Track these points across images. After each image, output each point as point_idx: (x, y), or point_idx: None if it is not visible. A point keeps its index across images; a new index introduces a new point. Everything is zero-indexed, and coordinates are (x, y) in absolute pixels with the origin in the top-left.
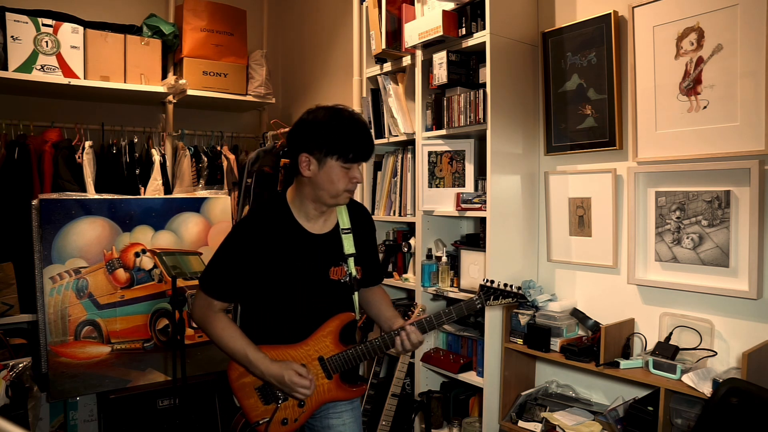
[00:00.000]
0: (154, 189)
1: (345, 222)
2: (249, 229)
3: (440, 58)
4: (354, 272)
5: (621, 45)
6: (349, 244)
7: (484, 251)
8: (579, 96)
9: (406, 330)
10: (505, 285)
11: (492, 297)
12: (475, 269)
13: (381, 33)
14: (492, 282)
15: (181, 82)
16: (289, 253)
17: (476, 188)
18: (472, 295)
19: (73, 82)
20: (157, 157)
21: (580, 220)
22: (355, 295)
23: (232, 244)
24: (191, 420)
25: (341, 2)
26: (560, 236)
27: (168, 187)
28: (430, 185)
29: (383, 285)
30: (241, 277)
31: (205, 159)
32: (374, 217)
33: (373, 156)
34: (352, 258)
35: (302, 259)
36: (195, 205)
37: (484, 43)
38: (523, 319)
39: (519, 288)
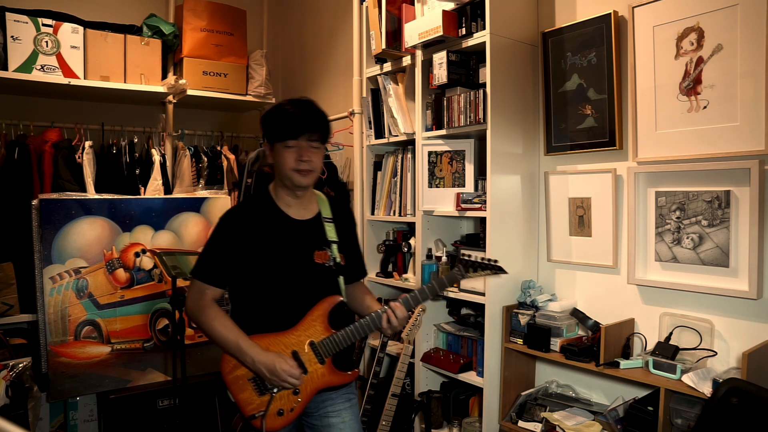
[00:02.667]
0: (154, 189)
1: (327, 212)
2: (234, 216)
3: (440, 58)
4: (338, 258)
5: (621, 45)
6: (331, 232)
7: (484, 251)
8: (579, 96)
9: (390, 306)
10: (482, 258)
11: (471, 269)
12: None
13: (381, 33)
14: (469, 255)
15: (181, 82)
16: (274, 236)
17: (476, 188)
18: (473, 296)
19: (73, 82)
20: (157, 157)
21: (580, 220)
22: (341, 279)
23: (220, 230)
24: (191, 420)
25: (341, 2)
26: (560, 236)
27: (168, 187)
28: (430, 185)
29: (381, 284)
30: (231, 261)
31: (205, 159)
32: (374, 218)
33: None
34: (335, 245)
35: (286, 242)
36: (195, 205)
37: (484, 43)
38: (523, 319)
39: (496, 261)
